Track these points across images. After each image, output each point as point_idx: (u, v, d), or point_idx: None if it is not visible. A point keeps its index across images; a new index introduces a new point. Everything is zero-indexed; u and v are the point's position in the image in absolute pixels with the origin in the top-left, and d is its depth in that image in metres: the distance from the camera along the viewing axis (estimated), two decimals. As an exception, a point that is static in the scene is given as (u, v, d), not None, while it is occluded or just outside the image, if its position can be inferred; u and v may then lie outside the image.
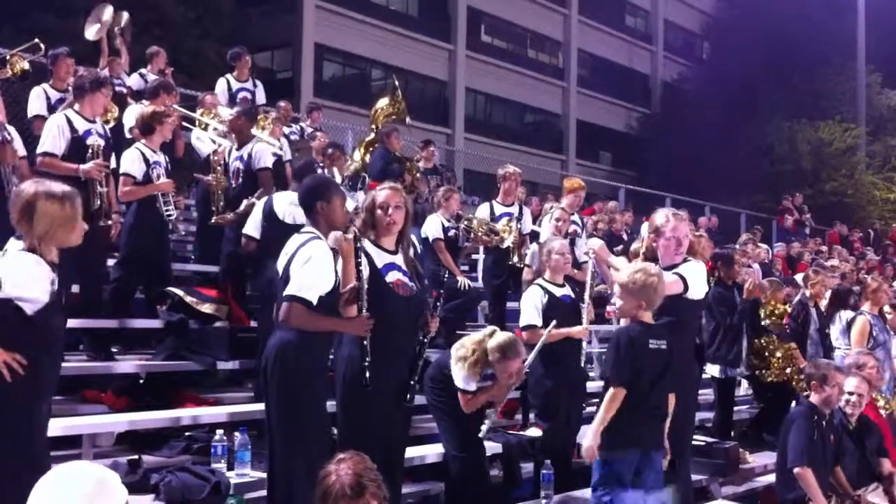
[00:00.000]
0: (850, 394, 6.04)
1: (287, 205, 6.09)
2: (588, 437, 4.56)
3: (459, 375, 5.23)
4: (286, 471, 4.24)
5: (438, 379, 5.36)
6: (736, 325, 7.74)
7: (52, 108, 7.51)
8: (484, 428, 5.22)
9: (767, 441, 7.96)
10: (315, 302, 4.21)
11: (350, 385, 4.48)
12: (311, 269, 4.22)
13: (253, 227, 6.27)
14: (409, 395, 4.60)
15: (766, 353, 8.02)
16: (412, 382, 4.63)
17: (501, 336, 5.27)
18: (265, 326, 6.03)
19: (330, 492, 2.92)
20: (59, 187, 3.68)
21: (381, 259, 4.63)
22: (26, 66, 7.37)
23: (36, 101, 7.79)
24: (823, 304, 8.92)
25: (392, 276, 4.63)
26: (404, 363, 4.64)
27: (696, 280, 5.03)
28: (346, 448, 3.26)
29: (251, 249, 6.29)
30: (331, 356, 4.71)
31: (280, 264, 4.39)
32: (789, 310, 8.69)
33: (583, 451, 4.63)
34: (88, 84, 6.27)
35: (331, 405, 4.61)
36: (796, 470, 5.56)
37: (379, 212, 4.62)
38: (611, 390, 4.54)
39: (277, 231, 5.97)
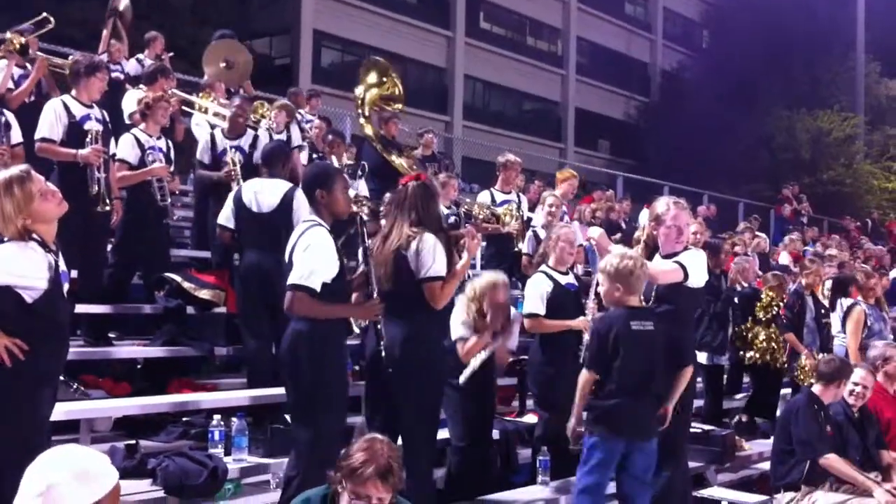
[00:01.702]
0: (856, 384, 5.97)
1: (251, 192, 6.06)
2: (571, 420, 4.70)
3: (456, 326, 5.22)
4: (306, 457, 4.25)
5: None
6: (721, 314, 7.78)
7: (15, 84, 7.37)
8: (467, 372, 5.13)
9: (762, 429, 7.98)
10: (318, 289, 4.20)
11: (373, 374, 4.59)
12: (311, 256, 4.22)
13: (225, 217, 6.15)
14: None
15: (750, 336, 8.04)
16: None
17: (481, 279, 5.37)
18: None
19: (363, 469, 2.94)
20: (4, 174, 3.55)
21: None
22: (23, 40, 7.35)
23: None
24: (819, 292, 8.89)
25: None
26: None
27: (697, 268, 5.02)
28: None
29: (225, 239, 6.23)
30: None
31: (286, 254, 4.41)
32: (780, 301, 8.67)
33: (567, 432, 4.75)
34: (84, 69, 6.22)
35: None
36: (822, 461, 5.55)
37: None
38: (583, 373, 4.66)
39: (246, 218, 6.00)
